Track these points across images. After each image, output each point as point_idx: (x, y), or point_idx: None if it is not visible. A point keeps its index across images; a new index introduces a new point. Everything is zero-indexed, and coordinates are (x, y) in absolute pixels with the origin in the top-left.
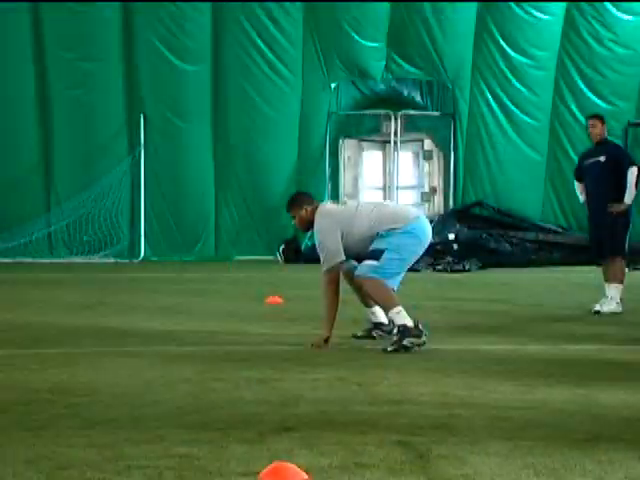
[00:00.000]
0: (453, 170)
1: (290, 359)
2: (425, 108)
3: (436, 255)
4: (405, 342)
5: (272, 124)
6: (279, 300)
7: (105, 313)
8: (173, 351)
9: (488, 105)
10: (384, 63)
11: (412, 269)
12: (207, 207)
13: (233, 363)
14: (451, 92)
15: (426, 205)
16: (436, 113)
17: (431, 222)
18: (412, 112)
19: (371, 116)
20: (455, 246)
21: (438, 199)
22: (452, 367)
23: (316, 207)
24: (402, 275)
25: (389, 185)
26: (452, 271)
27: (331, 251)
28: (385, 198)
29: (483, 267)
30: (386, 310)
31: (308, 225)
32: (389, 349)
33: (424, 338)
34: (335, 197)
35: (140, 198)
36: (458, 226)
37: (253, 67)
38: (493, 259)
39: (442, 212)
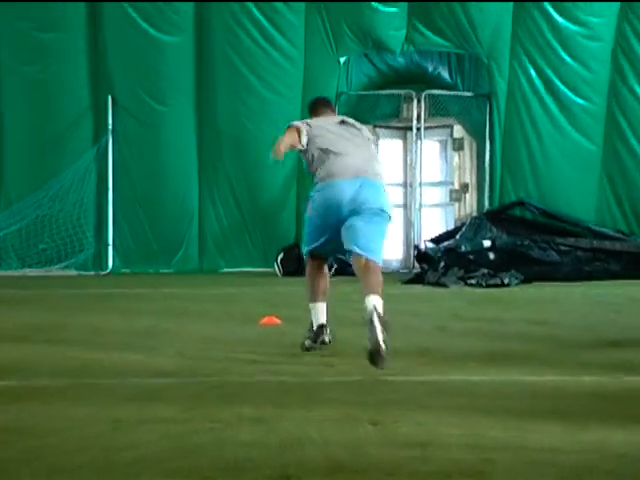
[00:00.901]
0: (489, 163)
1: (291, 393)
2: (454, 87)
3: (468, 266)
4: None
5: (269, 107)
6: (276, 321)
7: (66, 338)
8: (149, 384)
9: (531, 84)
10: (404, 32)
11: (439, 284)
12: (190, 208)
13: (222, 398)
14: (486, 68)
15: (456, 205)
16: (468, 93)
17: (462, 226)
18: (438, 92)
19: (389, 97)
20: (491, 255)
21: (470, 198)
22: (487, 403)
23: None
24: (321, 239)
25: (410, 181)
26: (487, 286)
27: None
28: (407, 196)
29: (525, 281)
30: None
31: None
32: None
33: (319, 345)
34: None
35: (108, 198)
36: (495, 231)
37: (245, 38)
38: (537, 271)
39: (475, 214)
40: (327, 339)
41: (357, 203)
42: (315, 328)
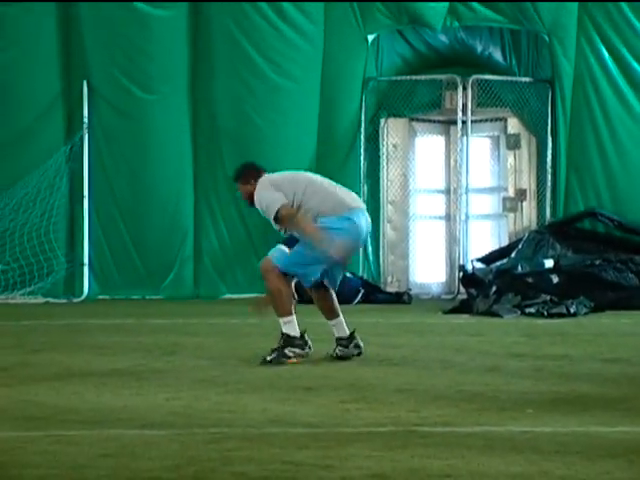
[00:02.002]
0: (551, 164)
1: (306, 449)
2: (509, 72)
3: (526, 292)
4: (287, 351)
5: (280, 96)
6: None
7: (30, 380)
8: (131, 436)
9: (603, 67)
10: (447, 4)
11: (490, 313)
12: (183, 221)
13: (223, 453)
14: (548, 48)
15: (510, 216)
16: (526, 79)
17: (518, 243)
18: (489, 77)
19: (428, 84)
20: (555, 278)
21: (529, 208)
22: (550, 460)
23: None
24: (320, 268)
25: (454, 187)
26: (550, 315)
27: (271, 200)
28: (450, 206)
29: (597, 309)
30: (278, 316)
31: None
32: (268, 358)
33: (307, 350)
34: (374, 203)
35: (83, 207)
36: (559, 248)
37: (251, 12)
38: (612, 297)
39: (535, 227)
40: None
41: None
42: (299, 336)
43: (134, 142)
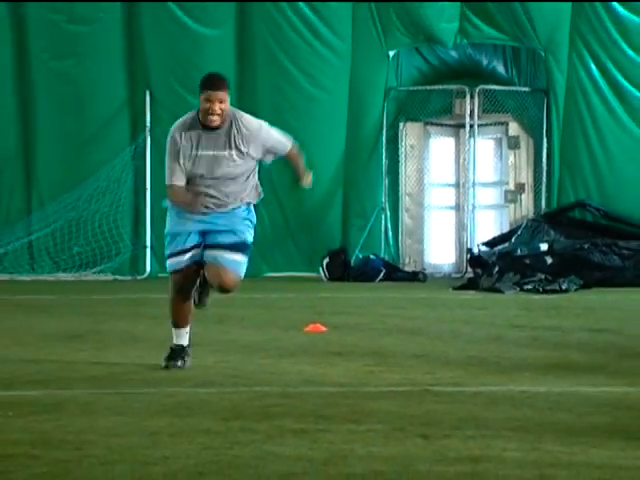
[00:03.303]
0: (546, 162)
1: (336, 405)
2: (510, 82)
3: (524, 271)
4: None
5: (313, 103)
6: (322, 328)
7: (100, 345)
8: (187, 394)
9: (591, 78)
10: (457, 25)
11: (493, 289)
12: None
13: (263, 409)
14: (544, 62)
15: (511, 207)
16: (525, 89)
17: (517, 229)
18: (493, 87)
19: (440, 93)
20: (549, 260)
21: (527, 199)
22: (545, 416)
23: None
24: None
25: (463, 182)
26: (545, 292)
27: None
28: (459, 197)
29: (585, 286)
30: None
31: (224, 119)
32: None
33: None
34: (394, 196)
35: (145, 198)
36: (553, 234)
37: (289, 31)
38: (598, 276)
39: (532, 216)
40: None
41: None
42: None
43: None
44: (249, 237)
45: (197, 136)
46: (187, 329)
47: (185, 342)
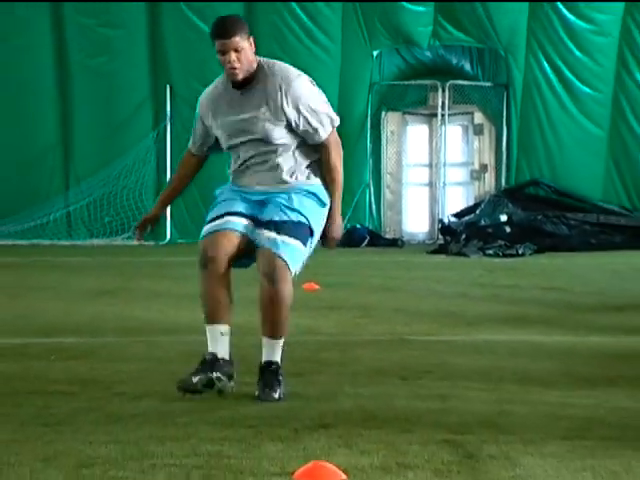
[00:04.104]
0: (506, 146)
1: (328, 350)
2: (475, 78)
3: (487, 238)
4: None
5: None
6: (316, 287)
7: (128, 300)
8: (200, 341)
9: (545, 75)
10: (431, 29)
11: (460, 254)
12: None
13: None
14: (504, 60)
15: (476, 184)
16: (488, 83)
17: (481, 203)
18: (461, 82)
19: (416, 87)
20: (507, 229)
21: (489, 178)
22: (504, 360)
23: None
24: None
25: (435, 162)
26: (504, 256)
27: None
28: (432, 176)
29: (538, 252)
30: (279, 333)
31: (249, 70)
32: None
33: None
34: (376, 175)
35: (166, 176)
36: (511, 207)
37: (288, 34)
38: (549, 243)
39: (493, 192)
40: None
41: None
42: None
43: None
44: (310, 218)
45: (227, 99)
46: (222, 328)
47: (221, 350)
